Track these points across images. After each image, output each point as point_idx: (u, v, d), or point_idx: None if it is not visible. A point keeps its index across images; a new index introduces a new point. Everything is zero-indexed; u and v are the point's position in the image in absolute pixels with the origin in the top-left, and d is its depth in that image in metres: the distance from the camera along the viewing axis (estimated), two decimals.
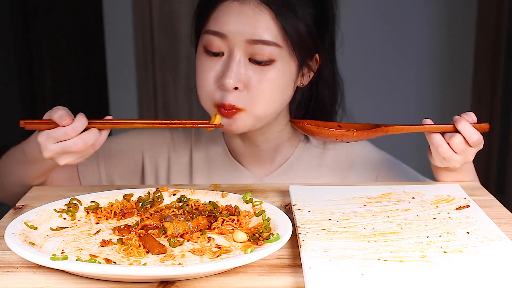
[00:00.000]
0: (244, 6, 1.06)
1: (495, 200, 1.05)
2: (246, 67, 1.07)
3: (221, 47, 1.08)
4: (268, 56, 1.07)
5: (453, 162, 1.06)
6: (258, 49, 1.06)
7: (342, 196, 1.01)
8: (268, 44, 1.06)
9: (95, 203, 0.96)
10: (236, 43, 1.06)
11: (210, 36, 1.08)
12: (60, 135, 0.96)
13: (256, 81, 1.07)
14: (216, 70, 1.09)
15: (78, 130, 0.96)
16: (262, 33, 1.06)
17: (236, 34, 1.06)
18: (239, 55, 1.07)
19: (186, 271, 0.72)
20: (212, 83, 1.09)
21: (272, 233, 0.84)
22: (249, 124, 1.10)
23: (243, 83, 1.07)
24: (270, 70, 1.08)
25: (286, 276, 0.76)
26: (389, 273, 0.74)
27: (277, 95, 1.10)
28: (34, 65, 3.70)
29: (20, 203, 1.04)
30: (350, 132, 1.03)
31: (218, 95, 1.08)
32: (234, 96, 1.07)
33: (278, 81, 1.09)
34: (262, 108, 1.09)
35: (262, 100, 1.08)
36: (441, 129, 1.05)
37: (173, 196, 1.00)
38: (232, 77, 1.06)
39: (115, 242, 0.84)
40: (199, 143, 1.26)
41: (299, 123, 1.06)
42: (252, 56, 1.07)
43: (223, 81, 1.06)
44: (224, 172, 1.24)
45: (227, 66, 1.07)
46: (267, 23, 1.06)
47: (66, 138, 0.96)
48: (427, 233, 0.86)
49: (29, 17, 3.63)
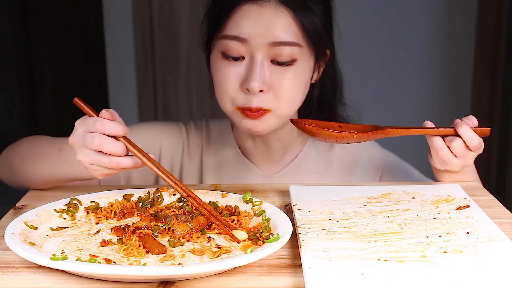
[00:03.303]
0: (263, 9, 1.06)
1: (495, 200, 1.05)
2: (269, 69, 1.07)
3: (241, 51, 1.07)
4: (289, 56, 1.07)
5: (453, 166, 1.06)
6: (280, 50, 1.06)
7: (342, 196, 1.01)
8: (290, 45, 1.06)
9: (95, 203, 0.96)
10: (257, 46, 1.06)
11: (228, 41, 1.07)
12: (106, 148, 0.89)
13: (280, 82, 1.08)
14: (238, 75, 1.08)
15: (107, 129, 0.89)
16: (283, 34, 1.06)
17: (257, 38, 1.06)
18: (261, 58, 1.07)
19: (186, 271, 0.72)
20: (235, 88, 1.09)
21: (272, 233, 0.84)
22: (274, 124, 1.12)
23: (267, 85, 1.07)
24: (292, 70, 1.08)
25: (286, 276, 0.76)
26: (389, 273, 0.74)
27: (300, 94, 1.11)
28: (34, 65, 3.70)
29: (20, 203, 1.04)
30: (351, 133, 1.03)
31: (243, 99, 1.08)
32: (259, 99, 1.07)
33: (300, 80, 1.10)
34: (287, 107, 1.10)
35: (287, 100, 1.09)
36: (442, 132, 1.05)
37: (173, 196, 1.00)
38: (257, 81, 1.06)
39: (115, 242, 0.84)
40: (210, 144, 1.27)
41: (299, 124, 1.05)
42: (274, 58, 1.07)
43: (248, 85, 1.06)
44: (234, 170, 1.25)
45: (250, 70, 1.07)
46: (287, 23, 1.06)
47: (92, 128, 0.90)
48: (427, 233, 0.86)
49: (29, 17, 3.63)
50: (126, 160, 0.91)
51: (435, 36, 3.04)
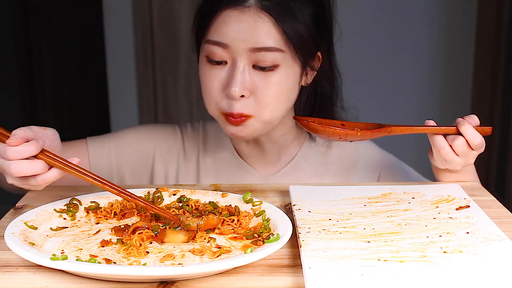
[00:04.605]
0: (244, 14, 1.06)
1: (495, 200, 1.05)
2: (250, 74, 1.07)
3: (223, 56, 1.08)
4: (271, 61, 1.07)
5: (454, 164, 1.06)
6: (261, 56, 1.06)
7: (342, 196, 1.01)
8: (271, 50, 1.06)
9: (95, 203, 0.96)
10: (239, 52, 1.06)
11: (211, 46, 1.08)
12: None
13: (262, 87, 1.07)
14: (220, 79, 1.08)
15: (19, 156, 0.88)
16: (264, 40, 1.05)
17: (238, 43, 1.06)
18: (243, 64, 1.07)
19: (186, 271, 0.72)
20: (218, 92, 1.09)
21: (272, 233, 0.84)
22: (258, 129, 1.11)
23: (249, 91, 1.07)
24: (274, 75, 1.08)
25: (286, 276, 0.76)
26: (389, 273, 0.74)
27: (284, 98, 1.11)
28: (34, 65, 3.70)
29: (20, 203, 1.04)
30: (354, 131, 1.03)
31: (225, 104, 1.08)
32: (241, 104, 1.07)
33: (283, 85, 1.09)
34: (270, 112, 1.10)
35: (270, 105, 1.09)
36: (444, 131, 1.05)
37: (173, 196, 1.00)
38: (237, 86, 1.06)
39: (115, 242, 0.84)
40: (207, 146, 1.27)
41: (303, 121, 1.05)
42: (255, 63, 1.07)
43: (229, 91, 1.06)
44: (231, 172, 1.25)
45: (231, 75, 1.07)
46: (268, 29, 1.06)
47: (4, 156, 0.89)
48: (427, 233, 0.86)
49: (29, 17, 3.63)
50: (52, 174, 0.91)
51: (435, 36, 3.04)
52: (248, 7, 1.06)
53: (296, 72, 1.11)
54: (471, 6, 2.98)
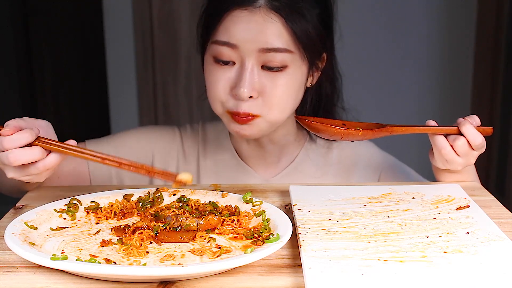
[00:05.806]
0: (254, 15, 1.05)
1: (495, 200, 1.05)
2: (259, 75, 1.07)
3: (231, 57, 1.07)
4: (280, 62, 1.06)
5: (455, 165, 1.06)
6: (270, 56, 1.05)
7: (342, 196, 1.01)
8: (280, 51, 1.05)
9: (95, 203, 0.96)
10: (248, 52, 1.05)
11: (219, 46, 1.07)
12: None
13: (270, 88, 1.07)
14: (228, 79, 1.08)
15: (15, 144, 0.88)
16: (273, 41, 1.05)
17: (247, 44, 1.05)
18: (251, 64, 1.06)
19: (186, 271, 0.72)
20: (225, 92, 1.08)
21: (272, 233, 0.84)
22: (264, 129, 1.11)
23: (257, 91, 1.07)
24: (282, 76, 1.07)
25: (286, 276, 0.76)
26: (389, 273, 0.74)
27: (291, 99, 1.10)
28: (34, 65, 3.70)
29: (20, 203, 1.04)
30: (356, 131, 1.03)
31: (232, 103, 1.08)
32: (248, 104, 1.07)
33: (291, 86, 1.09)
34: (278, 113, 1.09)
35: (277, 106, 1.08)
36: (445, 131, 1.05)
37: (173, 196, 1.00)
38: (246, 87, 1.05)
39: (115, 242, 0.84)
40: (206, 147, 1.26)
41: (304, 120, 1.05)
42: (264, 64, 1.06)
43: (237, 91, 1.06)
44: (231, 173, 1.24)
45: (240, 76, 1.06)
46: (278, 30, 1.05)
47: (1, 148, 0.89)
48: (427, 233, 0.86)
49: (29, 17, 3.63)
50: (51, 159, 0.92)
51: (435, 36, 3.04)
52: (258, 7, 1.05)
53: (303, 73, 1.11)
54: (471, 6, 2.98)
